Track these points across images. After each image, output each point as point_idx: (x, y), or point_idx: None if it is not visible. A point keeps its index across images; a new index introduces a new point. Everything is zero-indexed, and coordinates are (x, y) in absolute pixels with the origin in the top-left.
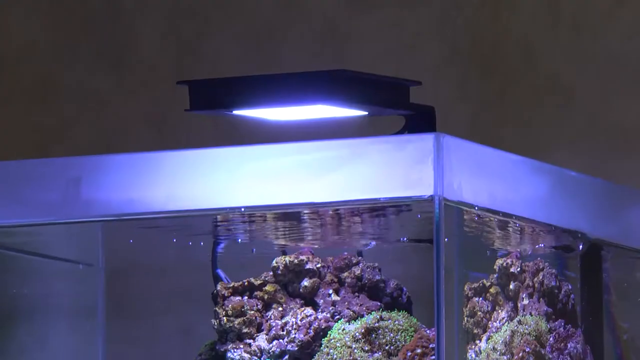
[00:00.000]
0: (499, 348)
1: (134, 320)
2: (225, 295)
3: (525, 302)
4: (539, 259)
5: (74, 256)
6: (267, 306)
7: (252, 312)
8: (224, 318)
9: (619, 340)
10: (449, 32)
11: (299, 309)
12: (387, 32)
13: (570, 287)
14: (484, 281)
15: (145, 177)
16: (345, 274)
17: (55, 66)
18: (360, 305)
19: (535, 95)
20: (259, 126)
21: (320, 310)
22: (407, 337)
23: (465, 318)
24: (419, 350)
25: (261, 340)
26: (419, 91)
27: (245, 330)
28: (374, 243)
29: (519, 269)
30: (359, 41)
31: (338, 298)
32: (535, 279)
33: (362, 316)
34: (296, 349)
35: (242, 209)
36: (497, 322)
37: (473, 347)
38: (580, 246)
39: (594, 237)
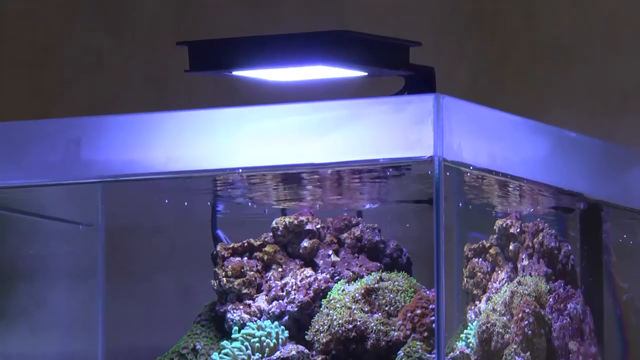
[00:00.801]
0: (498, 309)
1: (133, 281)
2: (225, 256)
3: (525, 262)
4: (538, 219)
5: (74, 216)
6: (266, 267)
7: (252, 272)
8: (224, 279)
9: (618, 301)
10: None
11: (298, 269)
12: None
13: (570, 247)
14: (484, 242)
15: (145, 137)
16: (345, 234)
17: (55, 27)
18: (360, 266)
19: (536, 55)
20: (259, 87)
21: (319, 271)
22: (407, 298)
23: (465, 279)
24: (418, 311)
25: (261, 301)
26: (418, 52)
27: (244, 291)
28: (372, 205)
29: (518, 230)
30: (359, 1)
31: (338, 259)
32: (535, 239)
33: (362, 277)
34: (296, 309)
35: (240, 170)
36: (497, 282)
37: (473, 307)
38: (581, 207)
39: (594, 197)
